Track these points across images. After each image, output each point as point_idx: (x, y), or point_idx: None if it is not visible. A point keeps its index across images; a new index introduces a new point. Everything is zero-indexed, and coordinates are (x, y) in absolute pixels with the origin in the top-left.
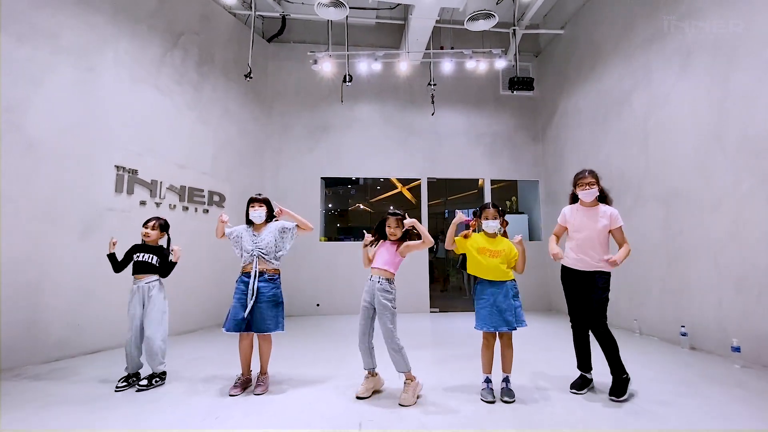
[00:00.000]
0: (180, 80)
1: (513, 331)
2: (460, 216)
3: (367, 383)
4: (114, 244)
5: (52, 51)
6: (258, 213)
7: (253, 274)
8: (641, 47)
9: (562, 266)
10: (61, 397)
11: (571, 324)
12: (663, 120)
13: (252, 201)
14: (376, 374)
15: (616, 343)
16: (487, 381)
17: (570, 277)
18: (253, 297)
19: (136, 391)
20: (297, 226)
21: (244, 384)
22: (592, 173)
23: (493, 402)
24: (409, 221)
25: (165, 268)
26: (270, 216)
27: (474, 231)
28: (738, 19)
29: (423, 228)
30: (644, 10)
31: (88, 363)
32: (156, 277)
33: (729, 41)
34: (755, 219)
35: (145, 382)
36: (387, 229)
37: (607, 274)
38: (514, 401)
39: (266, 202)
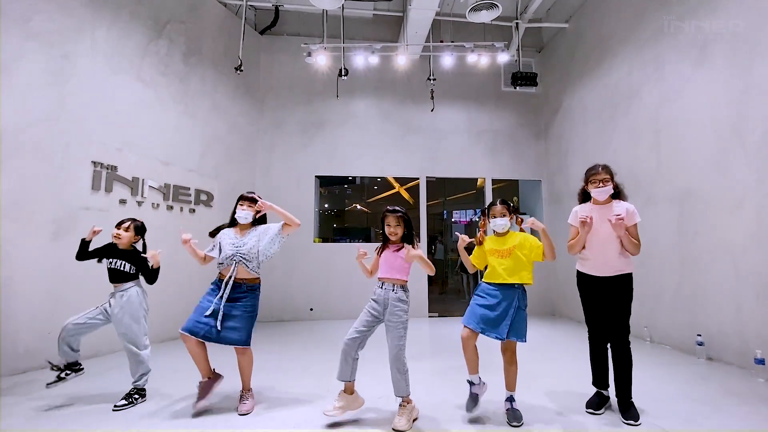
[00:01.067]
0: (165, 71)
1: (515, 343)
2: (463, 238)
3: (341, 400)
4: (95, 233)
5: (23, 36)
6: (245, 213)
7: (226, 280)
8: (652, 39)
9: (579, 273)
10: (22, 418)
11: (588, 336)
12: (676, 115)
13: (242, 199)
14: (354, 392)
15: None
16: (470, 384)
17: (588, 284)
18: (222, 304)
19: (113, 410)
20: (283, 224)
21: (204, 388)
22: (606, 168)
23: (472, 411)
24: (413, 253)
25: (147, 275)
26: (257, 220)
27: (484, 232)
28: (759, 8)
29: (426, 260)
30: (655, 1)
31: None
32: (131, 283)
33: (752, 31)
34: None
35: (123, 402)
36: (387, 228)
37: (630, 277)
38: (522, 425)
39: (256, 203)
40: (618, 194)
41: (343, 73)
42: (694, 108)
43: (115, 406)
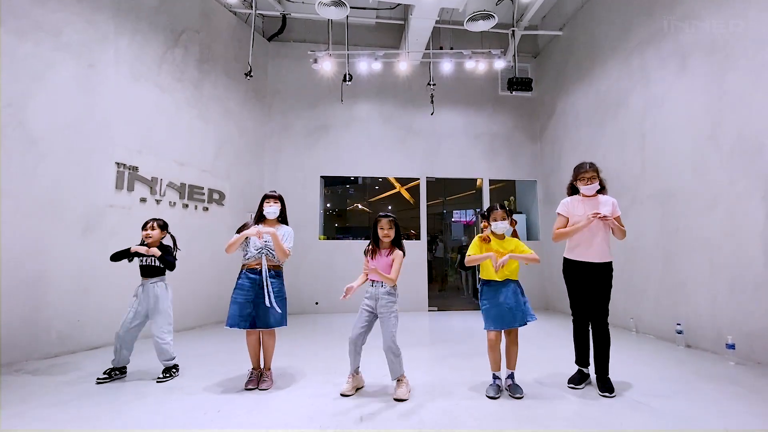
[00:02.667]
0: (181, 77)
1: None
2: (487, 254)
3: (352, 382)
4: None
5: (54, 47)
6: (273, 209)
7: (264, 271)
8: (639, 48)
9: (565, 259)
10: (63, 393)
11: (572, 318)
12: (660, 120)
13: (267, 197)
14: (359, 373)
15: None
16: (495, 378)
17: (574, 270)
18: (270, 294)
19: (157, 382)
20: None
21: (257, 377)
22: (593, 166)
23: (497, 398)
24: (398, 259)
25: (168, 264)
26: (281, 215)
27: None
28: (734, 20)
29: (394, 268)
30: (642, 11)
31: (89, 358)
32: (160, 277)
33: (725, 43)
34: (750, 218)
35: (164, 375)
36: (380, 231)
37: (611, 265)
38: (523, 397)
39: (280, 199)
40: (602, 188)
41: (347, 79)
42: (675, 114)
43: (158, 378)
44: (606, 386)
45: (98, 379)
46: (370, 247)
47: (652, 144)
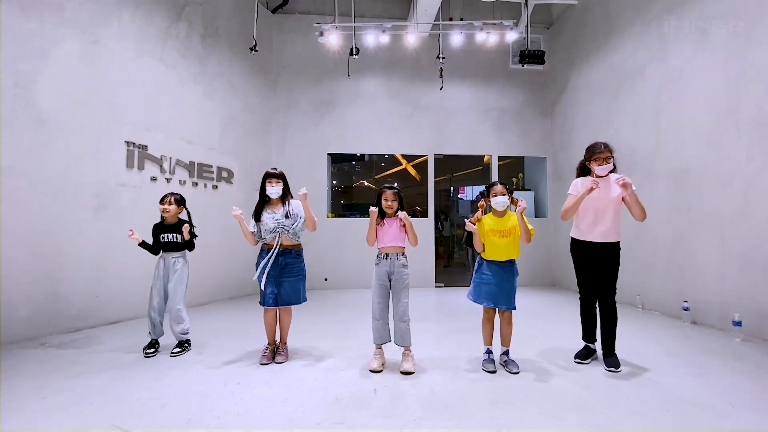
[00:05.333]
0: (185, 53)
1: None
2: (469, 224)
3: (380, 357)
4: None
5: (57, 23)
6: (276, 189)
7: (275, 249)
8: (658, 18)
9: (573, 239)
10: (88, 365)
11: (580, 296)
12: (676, 95)
13: (268, 176)
14: (382, 348)
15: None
16: (488, 352)
17: (582, 249)
18: (266, 270)
19: (170, 356)
20: (304, 221)
21: (272, 353)
22: (608, 147)
23: (494, 372)
24: (402, 214)
25: (188, 244)
26: (286, 192)
27: (483, 213)
28: None
29: (412, 230)
30: None
31: (109, 332)
32: (181, 252)
33: (750, 14)
34: (765, 195)
35: (178, 349)
36: (384, 202)
37: (619, 245)
38: (519, 372)
39: (282, 178)
40: (614, 168)
41: (354, 52)
42: (693, 89)
43: (171, 352)
44: (611, 361)
45: (146, 353)
46: (378, 217)
47: (668, 119)
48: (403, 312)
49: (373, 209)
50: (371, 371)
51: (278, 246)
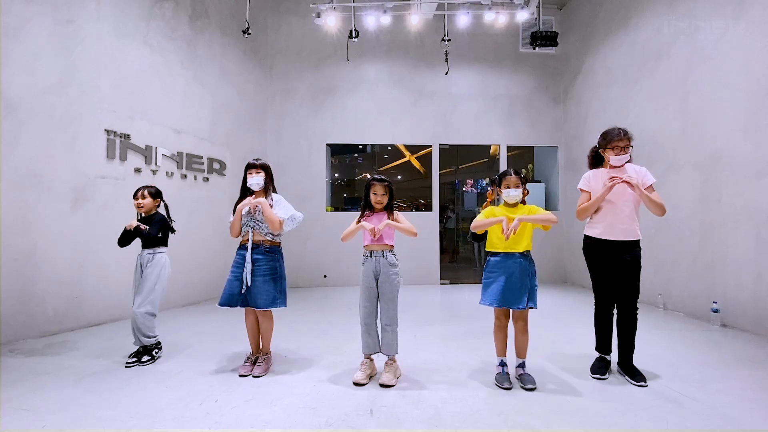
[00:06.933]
0: (172, 35)
1: (528, 311)
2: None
3: (365, 369)
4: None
5: (27, 0)
6: (256, 179)
7: (249, 246)
8: None
9: (587, 237)
10: (54, 376)
11: (596, 302)
12: (707, 75)
13: (249, 167)
14: (372, 359)
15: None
16: (503, 365)
17: (598, 249)
18: (249, 270)
19: (139, 366)
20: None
21: (252, 363)
22: (627, 134)
23: (509, 389)
24: (385, 223)
25: (143, 238)
26: (269, 185)
27: (491, 203)
28: None
29: (404, 223)
30: None
31: (88, 336)
32: (159, 248)
33: None
34: None
35: (147, 357)
36: (373, 196)
37: (639, 243)
38: (535, 388)
39: (264, 168)
40: (629, 159)
41: (353, 35)
42: (726, 67)
43: (137, 362)
44: (638, 376)
45: (126, 363)
46: (365, 212)
47: (697, 103)
48: (391, 318)
49: (359, 225)
50: (354, 383)
51: (251, 244)
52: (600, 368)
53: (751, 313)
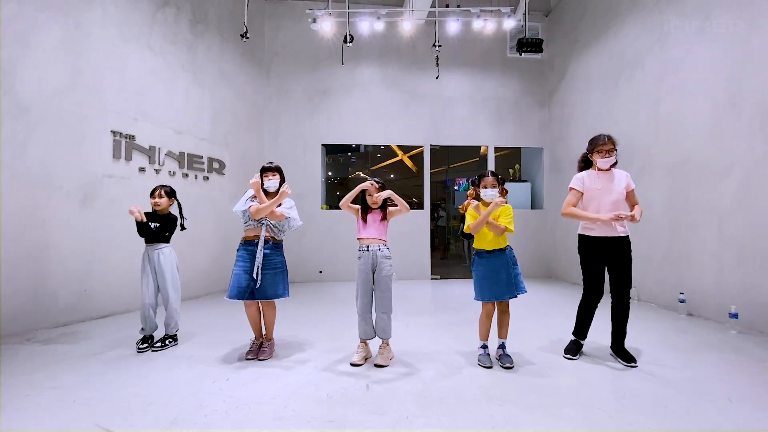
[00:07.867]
0: (174, 39)
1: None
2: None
3: (361, 352)
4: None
5: (37, 7)
6: (273, 182)
7: (261, 243)
8: (659, 4)
9: (582, 236)
10: (73, 361)
11: (584, 293)
12: (677, 84)
13: (265, 170)
14: (367, 343)
15: None
16: (484, 347)
17: (592, 246)
18: (260, 265)
19: (152, 351)
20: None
21: (258, 347)
22: (611, 139)
23: (491, 367)
24: (385, 193)
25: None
26: (281, 185)
27: (474, 200)
28: None
29: (398, 197)
30: None
31: (99, 327)
32: (164, 244)
33: (753, 1)
34: (765, 186)
35: (159, 344)
36: (369, 198)
37: (629, 239)
38: (513, 367)
39: (279, 171)
40: (615, 162)
41: (348, 40)
42: (694, 77)
43: (153, 347)
44: (630, 358)
45: (138, 348)
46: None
47: (668, 109)
48: (386, 305)
49: (361, 186)
50: (352, 365)
51: (263, 240)
52: (572, 349)
53: (713, 303)
